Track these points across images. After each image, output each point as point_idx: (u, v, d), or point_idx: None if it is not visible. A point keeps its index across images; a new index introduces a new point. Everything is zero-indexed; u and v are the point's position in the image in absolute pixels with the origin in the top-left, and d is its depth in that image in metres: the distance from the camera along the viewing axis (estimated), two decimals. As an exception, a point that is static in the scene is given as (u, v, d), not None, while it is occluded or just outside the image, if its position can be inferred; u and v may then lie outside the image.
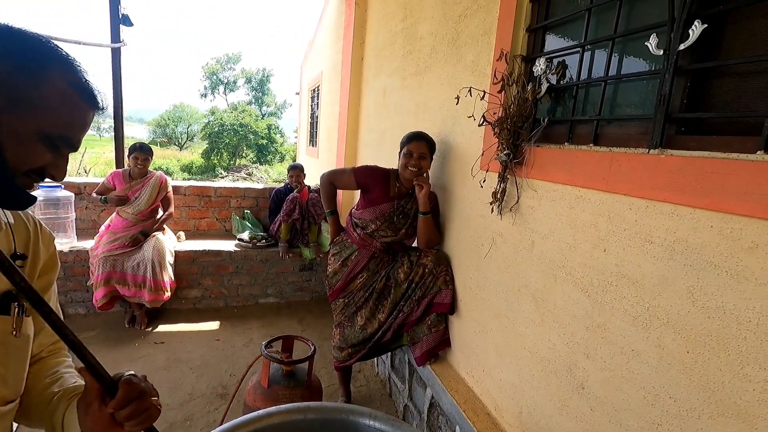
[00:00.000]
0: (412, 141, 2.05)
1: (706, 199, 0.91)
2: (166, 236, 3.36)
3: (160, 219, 3.31)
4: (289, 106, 31.31)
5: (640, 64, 1.19)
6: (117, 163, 4.32)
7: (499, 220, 1.67)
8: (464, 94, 1.76)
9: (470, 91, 1.73)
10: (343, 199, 3.99)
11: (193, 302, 3.61)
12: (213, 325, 3.34)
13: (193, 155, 25.24)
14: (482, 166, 1.72)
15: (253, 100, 30.64)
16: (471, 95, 1.74)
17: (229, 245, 3.72)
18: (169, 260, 3.21)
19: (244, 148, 23.30)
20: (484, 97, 1.69)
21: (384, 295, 2.20)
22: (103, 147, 20.88)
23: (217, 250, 3.61)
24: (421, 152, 2.03)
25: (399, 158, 2.10)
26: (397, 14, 2.81)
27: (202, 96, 31.26)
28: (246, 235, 3.79)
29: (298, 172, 3.78)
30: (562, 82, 1.43)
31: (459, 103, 1.81)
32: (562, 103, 1.49)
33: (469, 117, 1.80)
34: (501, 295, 1.68)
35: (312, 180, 4.38)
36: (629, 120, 1.22)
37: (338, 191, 2.49)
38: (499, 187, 1.60)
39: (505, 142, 1.54)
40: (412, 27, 2.57)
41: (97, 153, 17.85)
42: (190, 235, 3.90)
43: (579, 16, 1.37)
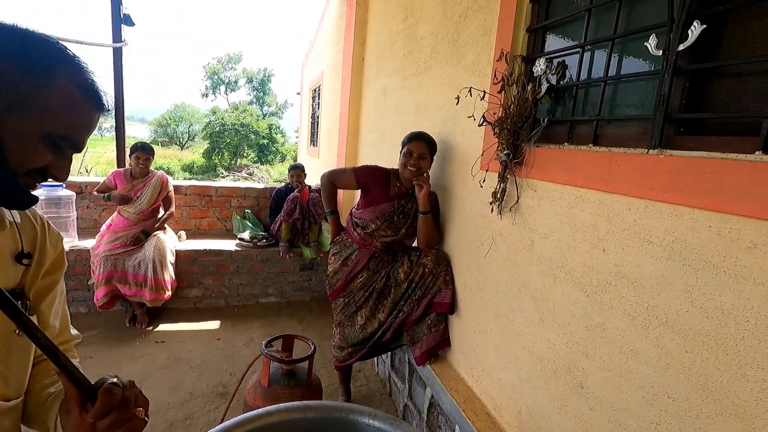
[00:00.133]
0: (412, 141, 2.06)
1: (705, 199, 0.91)
2: (167, 235, 3.36)
3: (161, 218, 3.31)
4: (290, 106, 31.36)
5: (639, 65, 1.20)
6: (118, 162, 4.32)
7: (499, 220, 1.68)
8: (464, 95, 1.77)
9: (470, 92, 1.73)
10: (344, 198, 3.99)
11: (194, 301, 3.62)
12: (213, 325, 3.35)
13: (194, 155, 25.30)
14: (482, 166, 1.73)
15: (254, 100, 30.67)
16: (471, 95, 1.74)
17: (230, 245, 3.72)
18: (170, 259, 3.22)
19: (245, 148, 23.32)
20: (484, 97, 1.70)
21: (384, 295, 2.20)
22: (105, 146, 20.99)
23: (218, 249, 3.61)
24: (421, 152, 2.03)
25: (399, 158, 2.10)
26: (398, 14, 2.82)
27: (203, 96, 31.31)
28: (247, 235, 3.80)
29: (298, 172, 3.78)
30: (561, 83, 1.44)
31: (459, 104, 1.82)
32: (562, 104, 1.49)
33: (469, 117, 1.81)
34: (500, 294, 1.68)
35: (313, 180, 4.38)
36: (629, 120, 1.22)
37: (338, 191, 2.50)
38: (499, 187, 1.60)
39: (505, 142, 1.54)
40: (413, 27, 2.57)
41: (99, 152, 17.93)
42: (191, 235, 3.91)
43: (579, 17, 1.37)
